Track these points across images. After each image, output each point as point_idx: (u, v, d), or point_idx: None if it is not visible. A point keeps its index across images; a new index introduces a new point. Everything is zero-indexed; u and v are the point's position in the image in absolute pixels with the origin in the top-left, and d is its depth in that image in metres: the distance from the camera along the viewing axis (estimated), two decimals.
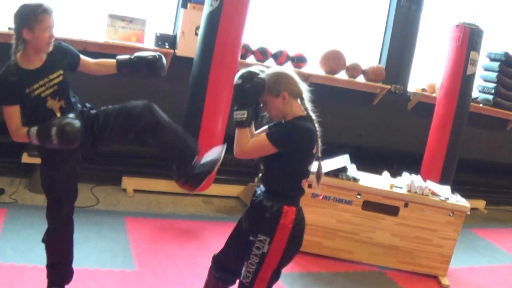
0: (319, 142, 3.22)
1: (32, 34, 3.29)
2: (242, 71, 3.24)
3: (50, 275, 3.91)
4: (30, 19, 3.27)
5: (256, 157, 3.26)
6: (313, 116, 3.24)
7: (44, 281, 3.93)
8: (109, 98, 4.17)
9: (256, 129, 3.37)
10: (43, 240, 3.87)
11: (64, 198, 3.76)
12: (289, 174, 3.24)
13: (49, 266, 3.89)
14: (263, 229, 3.24)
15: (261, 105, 3.27)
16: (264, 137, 3.15)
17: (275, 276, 3.33)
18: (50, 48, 3.43)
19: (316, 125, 3.23)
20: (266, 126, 3.37)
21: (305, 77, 6.90)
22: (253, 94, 3.21)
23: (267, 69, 3.28)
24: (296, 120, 3.19)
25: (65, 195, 3.75)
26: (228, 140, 5.06)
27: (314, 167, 3.34)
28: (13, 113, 3.36)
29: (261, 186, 3.41)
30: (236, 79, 3.22)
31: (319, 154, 3.26)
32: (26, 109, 3.40)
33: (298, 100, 3.25)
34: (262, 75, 3.21)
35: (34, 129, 3.29)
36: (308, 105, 3.26)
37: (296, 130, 3.15)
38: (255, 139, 3.21)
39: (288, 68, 3.26)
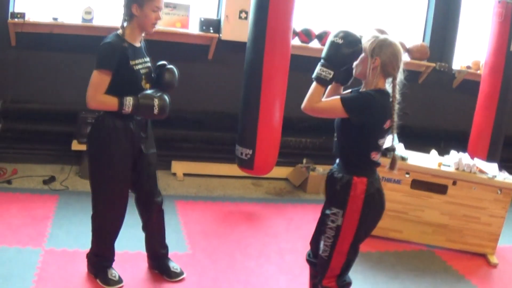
0: (395, 120, 3.20)
1: (141, 11, 3.54)
2: (346, 32, 3.20)
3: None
4: None
5: (323, 116, 3.22)
6: (395, 101, 3.18)
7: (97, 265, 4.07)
8: None
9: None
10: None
11: None
12: (359, 145, 3.24)
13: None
14: (335, 202, 3.28)
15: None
16: (337, 100, 3.13)
17: (353, 250, 3.35)
18: (153, 30, 3.69)
19: (396, 105, 3.18)
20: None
21: None
22: (346, 60, 3.20)
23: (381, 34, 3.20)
24: (374, 92, 3.14)
25: None
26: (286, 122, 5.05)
27: (387, 143, 3.37)
28: (105, 80, 3.51)
29: (336, 160, 3.43)
30: (337, 36, 3.17)
31: (394, 133, 3.26)
32: (123, 79, 3.57)
33: (388, 80, 3.20)
34: (363, 40, 3.18)
35: (129, 98, 3.55)
36: (397, 93, 3.18)
37: (370, 102, 3.12)
38: (327, 100, 3.20)
39: (400, 47, 3.20)
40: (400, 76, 3.19)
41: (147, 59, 3.81)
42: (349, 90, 3.36)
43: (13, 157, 6.36)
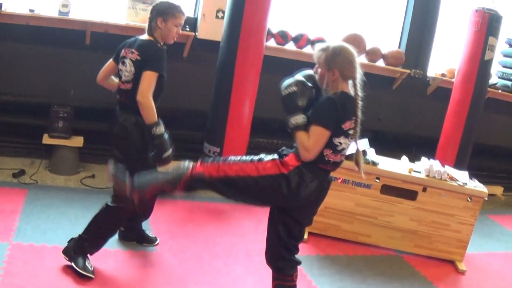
0: (357, 126, 3.32)
1: (165, 25, 4.01)
2: (292, 79, 3.36)
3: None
4: (167, 13, 3.99)
5: (320, 149, 3.26)
6: (359, 99, 3.29)
7: (64, 261, 4.08)
8: None
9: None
10: None
11: None
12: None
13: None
14: (277, 153, 3.42)
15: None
16: (313, 127, 3.22)
17: (234, 183, 3.36)
18: (172, 42, 4.15)
19: (359, 110, 3.29)
20: None
21: None
22: (310, 99, 3.33)
23: (332, 42, 3.38)
24: (334, 95, 3.25)
25: None
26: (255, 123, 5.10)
27: (352, 149, 3.47)
28: (155, 81, 3.88)
29: None
30: (286, 87, 3.33)
31: (355, 138, 3.38)
32: (160, 84, 3.98)
33: (350, 82, 3.31)
34: (315, 58, 3.38)
35: (162, 127, 3.96)
36: (359, 91, 3.30)
37: (331, 108, 3.22)
38: (311, 136, 3.24)
39: (352, 49, 3.30)
40: (359, 75, 3.31)
41: None
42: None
43: None
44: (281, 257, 3.56)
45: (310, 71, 3.46)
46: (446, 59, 8.16)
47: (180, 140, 6.73)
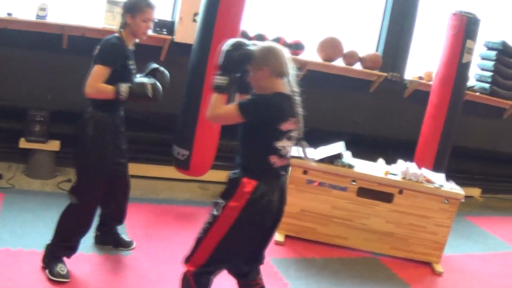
0: (297, 123, 3.27)
1: (133, 21, 4.04)
2: (232, 39, 3.32)
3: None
4: (135, 9, 4.02)
5: (224, 123, 3.44)
6: (296, 96, 3.27)
7: (40, 265, 4.08)
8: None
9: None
10: None
11: None
12: (253, 147, 3.29)
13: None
14: (222, 195, 3.31)
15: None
16: (234, 105, 3.20)
17: (222, 253, 3.30)
18: (145, 38, 4.18)
19: (298, 107, 3.26)
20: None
21: (302, 64, 6.91)
22: (237, 62, 3.27)
23: (260, 42, 3.36)
24: (271, 94, 3.21)
25: None
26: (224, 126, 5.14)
27: (296, 151, 3.45)
28: (105, 74, 3.90)
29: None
30: (225, 45, 3.29)
31: (298, 136, 3.33)
32: (121, 76, 3.99)
33: (284, 80, 3.27)
34: (251, 47, 3.27)
35: (124, 85, 3.96)
36: (294, 86, 3.28)
37: (263, 102, 3.19)
38: (226, 106, 3.24)
39: (281, 47, 3.30)
40: (291, 71, 3.29)
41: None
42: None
43: None
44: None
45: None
46: (423, 62, 8.17)
47: (156, 144, 6.77)
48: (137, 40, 4.21)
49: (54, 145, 6.14)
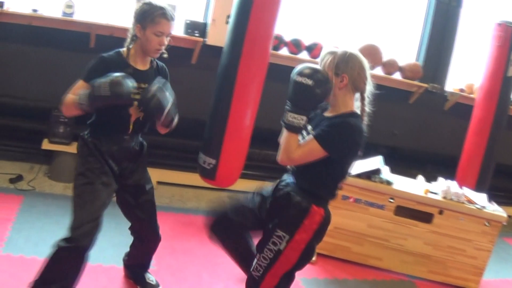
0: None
1: (143, 34, 3.29)
2: (312, 68, 2.92)
3: None
4: (146, 18, 3.27)
5: (303, 163, 2.96)
6: (365, 118, 3.02)
7: None
8: None
9: None
10: None
11: None
12: (331, 175, 3.02)
13: None
14: (284, 226, 3.04)
15: None
16: (313, 141, 2.87)
17: (288, 277, 3.15)
18: (157, 56, 3.43)
19: (365, 118, 3.03)
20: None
21: None
22: (318, 103, 2.94)
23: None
24: (349, 118, 2.90)
25: None
26: (256, 134, 4.89)
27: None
28: (80, 87, 3.26)
29: (291, 176, 3.17)
30: (303, 76, 2.89)
31: None
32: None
33: (357, 96, 2.99)
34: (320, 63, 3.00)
35: (84, 91, 3.17)
36: (367, 106, 3.01)
37: (347, 132, 2.89)
38: (303, 146, 2.91)
39: (363, 57, 3.02)
40: (368, 87, 3.00)
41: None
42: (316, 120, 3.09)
43: None
44: None
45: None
46: (465, 74, 7.98)
47: (186, 151, 6.61)
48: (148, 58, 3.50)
49: None
